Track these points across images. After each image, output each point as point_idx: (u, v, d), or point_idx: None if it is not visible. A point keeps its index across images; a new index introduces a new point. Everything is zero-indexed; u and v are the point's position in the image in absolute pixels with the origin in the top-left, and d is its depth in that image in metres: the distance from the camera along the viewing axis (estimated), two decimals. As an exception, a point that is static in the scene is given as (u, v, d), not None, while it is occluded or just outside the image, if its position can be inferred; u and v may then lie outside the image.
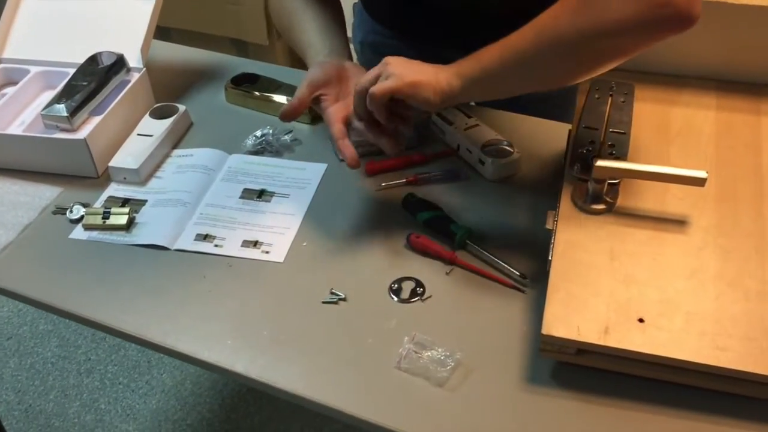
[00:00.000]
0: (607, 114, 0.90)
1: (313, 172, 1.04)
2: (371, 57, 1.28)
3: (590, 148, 0.86)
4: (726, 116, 0.89)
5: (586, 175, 0.82)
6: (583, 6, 0.72)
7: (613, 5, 0.70)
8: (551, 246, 0.80)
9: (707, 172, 0.76)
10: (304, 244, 0.94)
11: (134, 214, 0.98)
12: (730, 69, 0.92)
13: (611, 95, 0.92)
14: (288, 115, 0.96)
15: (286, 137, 1.10)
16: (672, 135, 0.88)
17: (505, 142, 1.01)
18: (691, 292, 0.73)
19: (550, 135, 1.06)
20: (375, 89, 0.83)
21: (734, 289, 0.73)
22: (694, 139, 0.87)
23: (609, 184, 0.82)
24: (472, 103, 1.26)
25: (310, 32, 1.04)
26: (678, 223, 0.79)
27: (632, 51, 0.74)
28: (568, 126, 0.92)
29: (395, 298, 0.86)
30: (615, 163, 0.80)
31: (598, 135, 0.87)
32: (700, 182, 0.76)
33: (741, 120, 0.88)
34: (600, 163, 0.79)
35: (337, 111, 0.96)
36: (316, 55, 1.02)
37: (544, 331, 0.71)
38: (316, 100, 0.98)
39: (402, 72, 0.83)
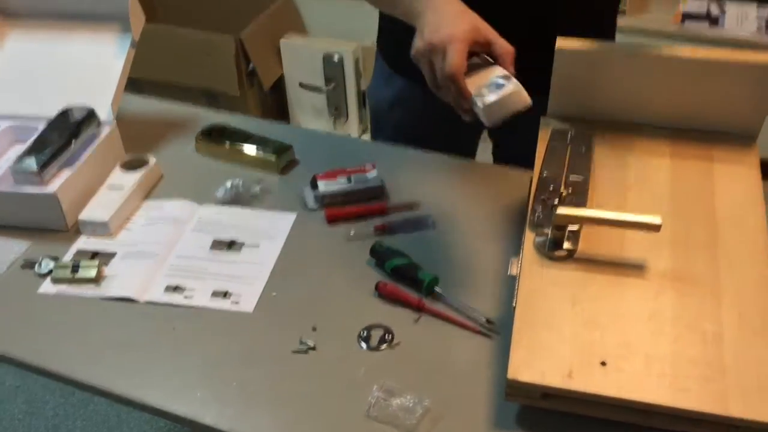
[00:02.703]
0: (566, 162, 0.93)
1: (282, 221, 1.06)
2: (403, 115, 1.27)
3: (551, 196, 0.88)
4: (680, 163, 0.93)
5: (547, 222, 0.85)
6: None
7: None
8: (515, 292, 0.82)
9: (662, 219, 0.79)
10: (274, 293, 0.95)
11: (104, 267, 0.98)
12: (683, 117, 0.96)
13: (570, 144, 0.95)
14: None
15: (256, 188, 1.11)
16: (629, 182, 0.91)
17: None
18: (650, 335, 0.75)
19: (514, 182, 1.09)
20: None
21: (691, 331, 0.75)
22: (650, 185, 0.90)
23: (570, 230, 0.84)
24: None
25: None
26: (636, 267, 0.81)
27: None
28: (530, 173, 0.94)
29: (364, 346, 0.87)
30: (575, 210, 0.83)
31: (558, 183, 0.90)
32: (655, 228, 0.79)
33: (694, 166, 0.92)
34: (560, 210, 0.82)
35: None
36: None
37: (510, 375, 0.72)
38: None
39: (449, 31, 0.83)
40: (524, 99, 0.83)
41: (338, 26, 2.71)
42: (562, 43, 0.92)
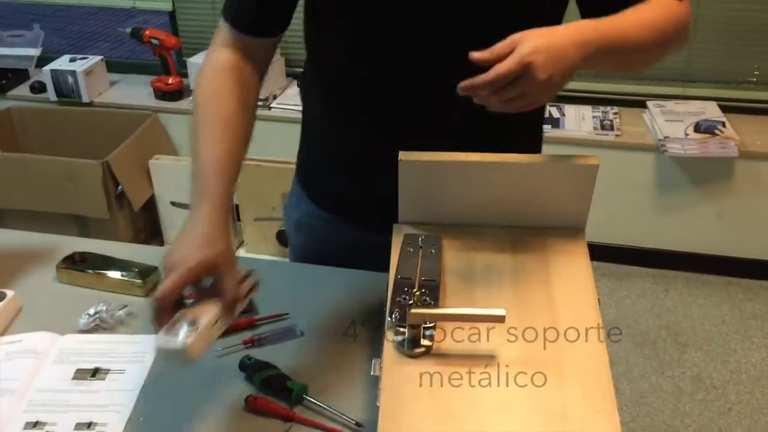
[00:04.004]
0: (419, 265, 0.99)
1: (149, 344, 1.05)
2: (305, 240, 1.28)
3: (406, 297, 0.94)
4: (520, 257, 1.01)
5: (404, 322, 0.90)
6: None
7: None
8: (378, 392, 0.85)
9: (506, 309, 0.86)
10: (141, 419, 0.93)
11: (-44, 410, 0.94)
12: (519, 217, 1.05)
13: (421, 247, 1.02)
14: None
15: (121, 312, 1.11)
16: (477, 278, 0.98)
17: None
18: (504, 421, 0.80)
19: (377, 285, 1.14)
20: None
21: (540, 413, 0.80)
22: (495, 279, 0.98)
23: (425, 328, 0.89)
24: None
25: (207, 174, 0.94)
26: (488, 357, 0.87)
27: None
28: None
29: (235, 463, 0.86)
30: (427, 309, 0.88)
31: (411, 284, 0.96)
32: (500, 319, 0.86)
33: (532, 259, 1.01)
34: (414, 310, 0.87)
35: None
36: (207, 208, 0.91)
37: (376, 476, 0.74)
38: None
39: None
40: (186, 360, 0.81)
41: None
42: (404, 155, 1.00)
